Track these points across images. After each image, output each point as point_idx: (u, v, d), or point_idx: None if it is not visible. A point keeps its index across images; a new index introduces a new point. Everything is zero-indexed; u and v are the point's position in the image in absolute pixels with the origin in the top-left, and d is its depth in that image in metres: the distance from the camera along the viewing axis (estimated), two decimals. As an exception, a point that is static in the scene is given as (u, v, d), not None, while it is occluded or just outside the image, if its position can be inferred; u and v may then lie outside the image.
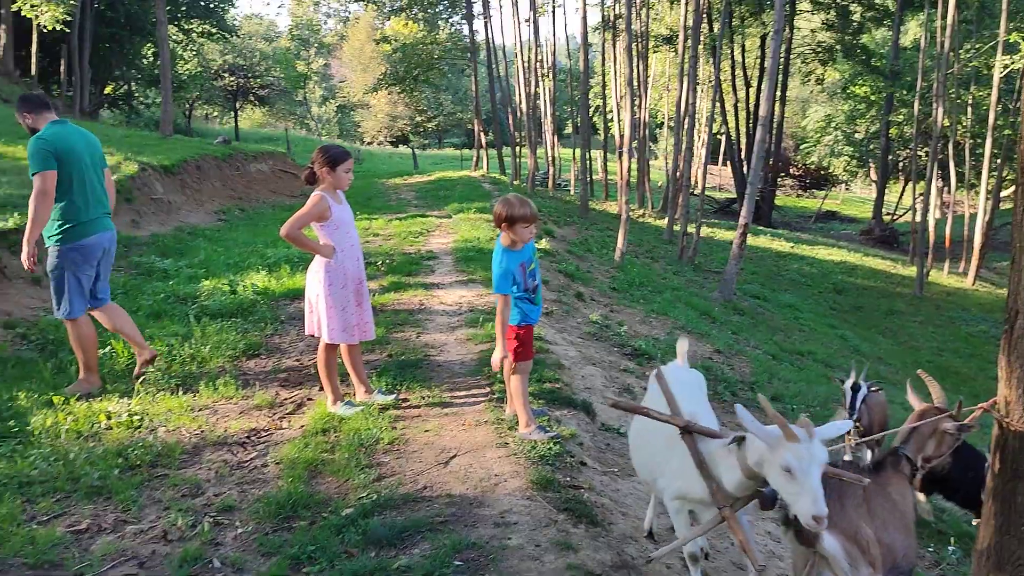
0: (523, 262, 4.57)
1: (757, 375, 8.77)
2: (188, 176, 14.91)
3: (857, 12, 34.16)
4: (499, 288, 4.51)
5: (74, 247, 5.47)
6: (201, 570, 3.51)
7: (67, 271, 5.47)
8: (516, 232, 4.48)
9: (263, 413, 5.35)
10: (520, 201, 4.54)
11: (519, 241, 4.54)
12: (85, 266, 5.54)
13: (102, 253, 5.67)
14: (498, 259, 4.53)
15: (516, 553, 3.40)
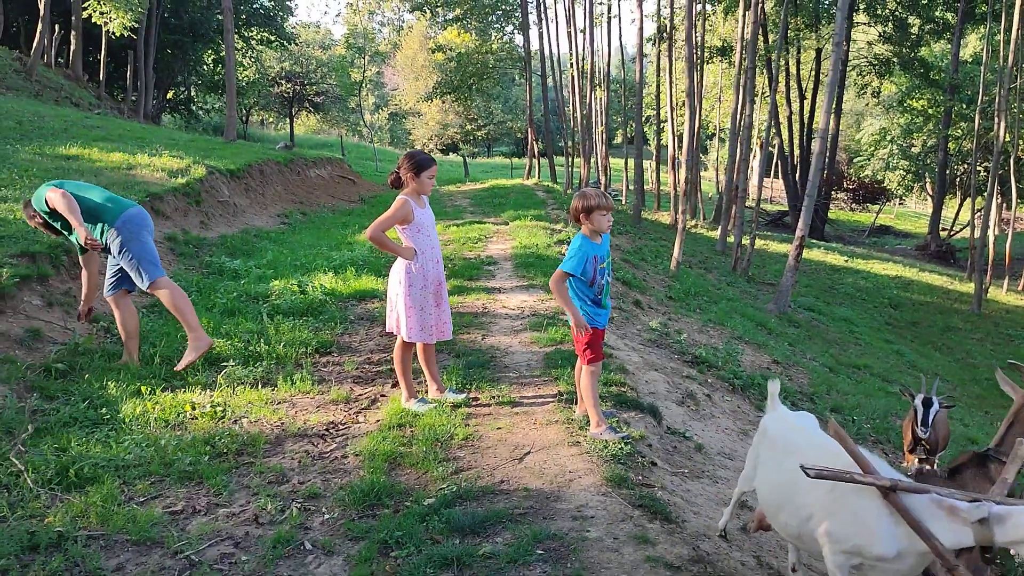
0: (598, 255, 4.75)
1: (815, 386, 8.78)
2: (252, 180, 15.32)
3: (915, 25, 33.71)
4: (565, 265, 4.71)
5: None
6: (293, 551, 3.70)
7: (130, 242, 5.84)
8: (594, 221, 4.70)
9: (339, 408, 5.56)
10: (596, 192, 4.81)
11: (598, 231, 4.76)
12: (142, 231, 5.96)
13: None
14: (576, 244, 4.75)
15: (595, 545, 3.53)
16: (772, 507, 3.50)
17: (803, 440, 3.49)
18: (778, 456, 3.51)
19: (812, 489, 3.16)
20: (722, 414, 6.42)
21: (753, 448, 3.86)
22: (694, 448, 5.27)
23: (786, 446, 3.49)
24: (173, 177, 12.15)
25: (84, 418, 5.10)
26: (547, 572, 3.33)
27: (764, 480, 3.60)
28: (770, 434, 3.70)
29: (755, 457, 3.79)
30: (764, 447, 3.70)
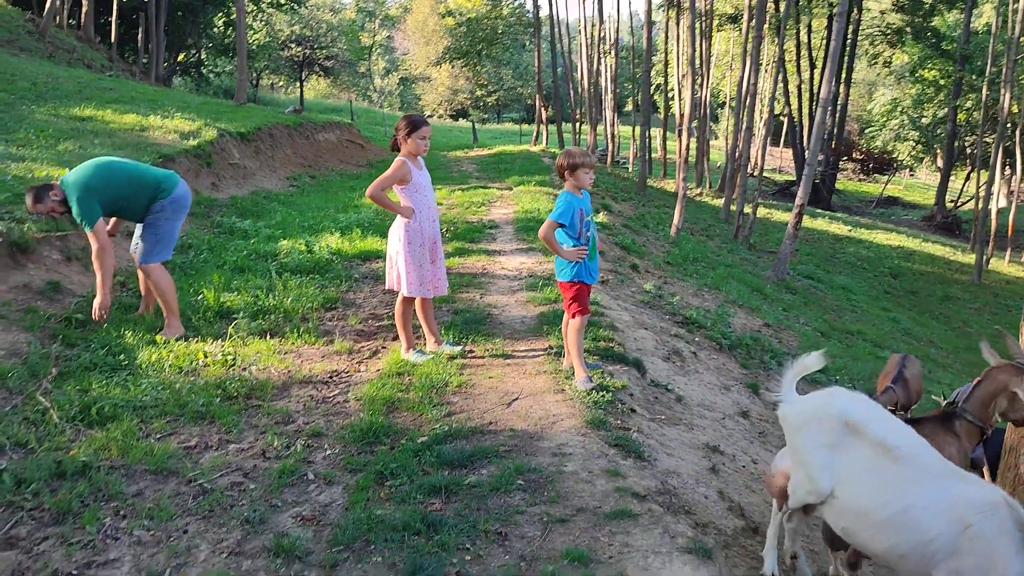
0: (582, 208, 5.08)
1: (803, 348, 9.07)
2: (262, 143, 15.59)
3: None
4: (554, 215, 5.05)
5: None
6: (297, 481, 4.06)
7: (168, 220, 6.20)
8: (578, 178, 5.07)
9: (343, 358, 5.90)
10: (580, 151, 5.20)
11: (581, 187, 5.12)
12: (182, 212, 6.38)
13: None
14: (562, 199, 5.11)
15: (571, 477, 3.87)
16: (865, 526, 3.19)
17: (907, 442, 3.23)
18: (880, 461, 3.19)
19: (938, 517, 3.01)
20: (707, 370, 6.74)
21: (817, 446, 3.32)
22: (675, 399, 5.60)
23: (886, 447, 3.19)
24: (185, 139, 12.43)
25: (103, 363, 5.45)
26: (526, 499, 3.69)
27: (865, 493, 3.19)
28: (867, 432, 3.24)
29: (828, 459, 3.28)
30: (851, 448, 3.26)
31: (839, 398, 3.42)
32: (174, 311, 6.19)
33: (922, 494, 3.07)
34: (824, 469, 3.26)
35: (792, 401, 3.51)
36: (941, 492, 3.06)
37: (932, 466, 3.18)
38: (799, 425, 3.42)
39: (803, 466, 3.36)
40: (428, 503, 3.69)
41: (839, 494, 3.25)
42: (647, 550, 3.23)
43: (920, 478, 3.10)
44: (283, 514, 3.72)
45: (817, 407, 3.39)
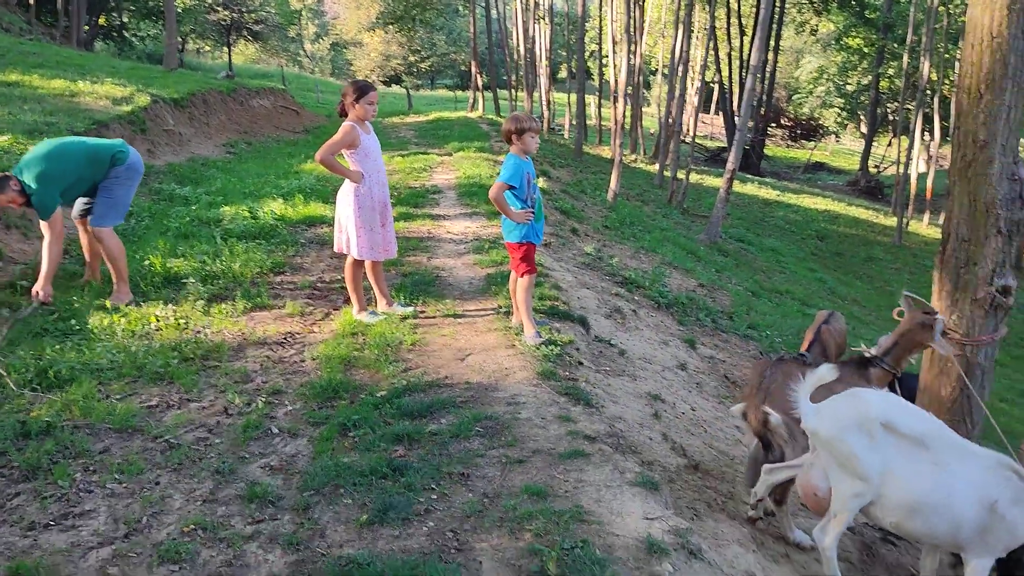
0: (528, 172, 5.28)
1: (736, 307, 9.51)
2: (196, 110, 15.34)
3: (854, -38, 34.32)
4: (503, 177, 5.24)
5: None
6: (262, 435, 4.21)
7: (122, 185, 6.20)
8: (525, 142, 5.27)
9: (295, 320, 6.02)
10: (526, 116, 5.40)
11: (527, 151, 5.32)
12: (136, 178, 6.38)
13: None
14: (510, 162, 5.29)
15: (526, 423, 4.12)
16: (908, 510, 3.38)
17: (932, 429, 3.48)
18: (915, 452, 3.39)
19: (971, 497, 3.29)
20: (646, 327, 7.06)
21: (864, 450, 3.39)
22: (617, 353, 5.89)
23: (917, 439, 3.40)
24: (117, 105, 12.21)
25: (55, 329, 5.48)
26: (484, 443, 3.92)
27: (912, 485, 3.36)
28: (901, 428, 3.41)
29: (874, 460, 3.40)
30: (894, 446, 3.40)
31: (871, 400, 3.50)
32: (124, 277, 6.21)
33: (955, 476, 3.31)
34: (874, 468, 3.37)
35: (814, 413, 3.53)
36: (968, 472, 3.32)
37: (956, 446, 3.43)
38: (836, 435, 3.44)
39: (851, 471, 3.41)
40: (392, 450, 3.89)
41: (886, 491, 3.39)
42: (600, 484, 3.50)
43: (949, 461, 3.33)
44: (251, 465, 3.88)
45: (855, 411, 3.45)
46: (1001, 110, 4.01)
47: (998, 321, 4.26)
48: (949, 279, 4.31)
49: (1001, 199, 4.08)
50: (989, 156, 4.06)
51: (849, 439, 3.40)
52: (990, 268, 4.15)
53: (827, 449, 3.50)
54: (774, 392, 3.94)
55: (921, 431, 3.41)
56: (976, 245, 4.16)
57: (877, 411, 3.41)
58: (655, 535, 3.10)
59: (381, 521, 3.28)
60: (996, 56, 3.98)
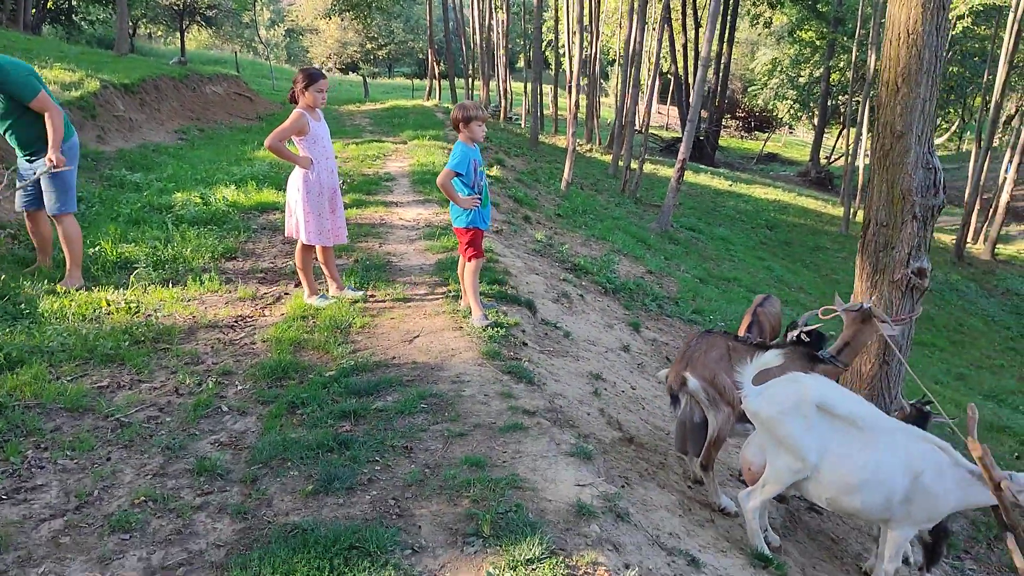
0: (475, 159, 5.43)
1: (682, 293, 9.77)
2: (147, 95, 15.20)
3: (805, -44, 34.95)
4: (451, 164, 5.37)
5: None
6: (212, 413, 4.33)
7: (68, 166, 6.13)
8: (471, 130, 5.41)
9: (246, 304, 6.12)
10: (474, 104, 5.53)
11: (474, 139, 5.46)
12: (76, 158, 6.26)
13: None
14: (458, 150, 5.43)
15: (469, 399, 4.29)
16: (850, 490, 3.58)
17: (864, 411, 3.69)
18: (849, 432, 3.61)
19: (892, 479, 3.52)
20: (592, 311, 7.26)
21: (801, 430, 3.62)
22: (563, 335, 6.08)
23: (851, 419, 3.63)
24: (67, 90, 12.08)
25: (4, 312, 5.50)
26: (428, 419, 4.08)
27: (845, 464, 3.59)
28: (835, 410, 3.64)
29: (811, 439, 3.62)
30: (829, 427, 3.63)
31: (808, 384, 3.70)
32: (78, 262, 6.24)
33: (885, 452, 3.53)
34: (811, 448, 3.58)
35: (757, 394, 3.72)
36: (896, 447, 3.55)
37: (884, 425, 3.65)
38: (776, 415, 3.64)
39: (789, 450, 3.62)
40: (339, 426, 4.04)
41: (823, 468, 3.60)
42: (536, 455, 3.68)
43: (879, 439, 3.57)
44: (201, 441, 4.00)
45: (793, 394, 3.65)
46: (917, 102, 4.26)
47: (915, 301, 4.52)
48: (869, 262, 4.56)
49: (916, 186, 4.33)
50: (905, 146, 4.30)
51: (787, 420, 3.62)
52: (906, 252, 4.41)
53: (766, 428, 3.72)
54: (695, 359, 4.15)
55: (853, 412, 3.64)
56: (894, 230, 4.42)
57: (813, 394, 3.62)
58: (585, 500, 3.30)
59: (326, 491, 3.42)
60: (912, 51, 4.22)
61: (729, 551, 3.59)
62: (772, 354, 3.80)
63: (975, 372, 13.76)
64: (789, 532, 4.32)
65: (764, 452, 3.74)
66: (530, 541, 2.94)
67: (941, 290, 19.47)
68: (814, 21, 36.06)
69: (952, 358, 14.59)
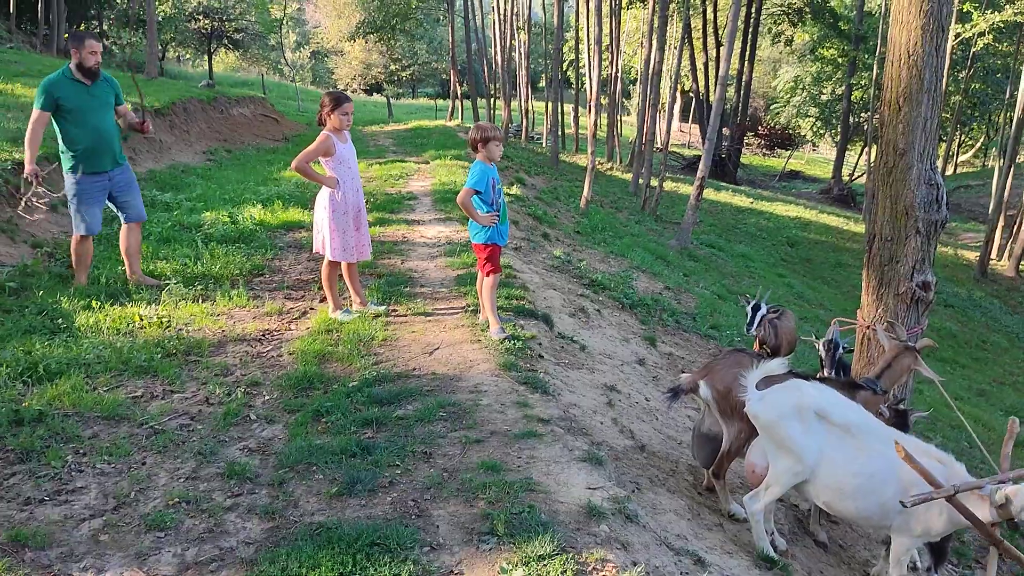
0: (493, 178, 5.65)
1: (700, 309, 9.89)
2: (176, 117, 15.61)
3: (826, -26, 35.11)
4: (470, 183, 5.59)
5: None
6: (241, 421, 4.53)
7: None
8: (489, 150, 5.63)
9: (273, 318, 6.33)
10: (490, 126, 5.77)
11: (491, 158, 5.67)
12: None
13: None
14: (476, 169, 5.64)
15: (486, 408, 4.46)
16: (842, 497, 3.72)
17: (861, 420, 3.80)
18: (844, 439, 3.74)
19: (882, 488, 3.64)
20: (609, 325, 7.42)
21: (799, 434, 3.77)
22: (579, 348, 6.25)
23: (846, 426, 3.75)
24: (99, 113, 12.45)
25: (42, 327, 5.76)
26: (447, 427, 4.25)
27: (840, 469, 3.72)
28: (832, 417, 3.77)
29: (809, 443, 3.76)
30: (825, 432, 3.77)
31: (808, 391, 3.84)
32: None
33: (879, 461, 3.65)
34: (810, 451, 3.73)
35: (759, 399, 3.88)
36: (892, 458, 3.62)
37: (881, 435, 3.75)
38: (776, 419, 3.79)
39: (789, 453, 3.77)
40: (361, 433, 4.22)
41: (819, 472, 3.74)
42: (549, 460, 3.84)
43: (875, 448, 3.69)
44: (231, 447, 4.20)
45: (793, 400, 3.79)
46: (918, 121, 4.41)
47: (919, 314, 4.64)
48: (875, 276, 4.70)
49: (919, 202, 4.47)
50: (908, 163, 4.45)
51: (787, 424, 3.76)
52: (911, 265, 4.54)
53: (767, 432, 3.88)
54: (716, 370, 4.31)
55: (849, 420, 3.77)
56: (898, 244, 4.56)
57: (812, 401, 3.77)
58: (595, 502, 3.45)
59: (349, 493, 3.61)
60: (913, 72, 4.38)
61: (736, 553, 3.73)
62: (777, 362, 3.94)
63: (997, 388, 13.71)
64: (797, 538, 4.44)
65: (767, 456, 3.88)
66: (542, 539, 3.10)
67: (964, 307, 19.40)
68: (835, 39, 36.10)
69: (974, 374, 14.54)
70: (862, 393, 4.59)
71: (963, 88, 27.38)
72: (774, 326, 6.25)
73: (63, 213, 8.88)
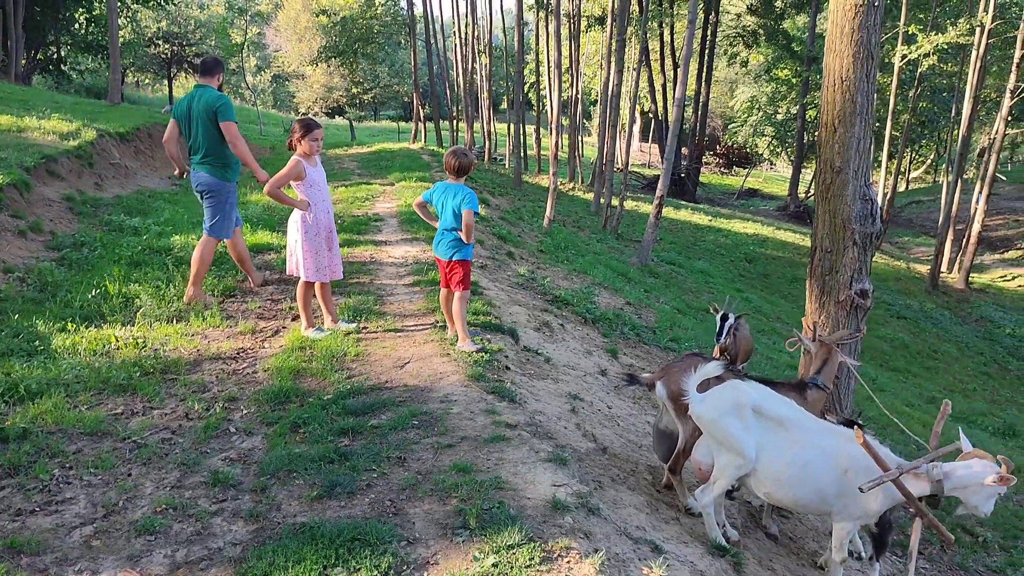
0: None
1: (660, 323, 10.23)
2: (141, 143, 15.70)
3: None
4: (474, 206, 5.93)
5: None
6: (221, 434, 4.73)
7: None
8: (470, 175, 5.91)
9: (247, 337, 6.53)
10: (468, 151, 6.15)
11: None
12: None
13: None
14: (470, 194, 5.96)
15: (456, 416, 4.71)
16: (785, 485, 3.99)
17: (794, 415, 4.11)
18: (778, 432, 4.04)
19: (824, 474, 3.93)
20: (572, 339, 7.71)
21: (739, 430, 4.05)
22: (543, 360, 6.52)
23: (780, 420, 4.06)
24: (64, 140, 12.55)
25: (19, 349, 5.89)
26: (419, 434, 4.50)
27: (776, 460, 4.01)
28: (767, 412, 4.07)
29: (748, 438, 4.04)
30: (761, 427, 4.07)
31: (744, 390, 4.14)
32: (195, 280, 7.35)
33: (811, 451, 3.95)
34: (749, 445, 4.02)
35: (700, 400, 4.18)
36: (824, 447, 3.97)
37: (811, 426, 4.07)
38: (717, 417, 4.09)
39: (731, 449, 4.06)
40: (338, 441, 4.45)
41: (758, 466, 4.04)
42: (517, 461, 4.10)
43: (808, 439, 4.00)
44: (213, 458, 4.40)
45: (731, 399, 4.10)
46: (852, 141, 4.77)
47: (859, 321, 4.99)
48: (817, 285, 5.04)
49: (855, 216, 4.83)
50: (844, 180, 4.81)
51: (726, 421, 4.08)
52: (849, 275, 4.90)
53: (709, 430, 4.18)
54: (672, 372, 4.62)
55: (784, 415, 4.09)
56: (837, 255, 4.91)
57: (748, 398, 4.10)
58: (560, 497, 3.72)
59: (329, 495, 3.83)
60: (846, 96, 4.75)
61: (691, 543, 4.01)
62: (712, 365, 4.27)
63: (947, 396, 14.22)
64: (750, 531, 4.74)
65: (711, 453, 4.19)
66: (511, 531, 3.36)
67: (916, 318, 20.03)
68: (789, 60, 37.13)
69: (925, 383, 15.08)
70: (811, 392, 4.93)
71: (912, 107, 28.29)
72: (733, 335, 6.55)
73: (31, 239, 9.02)
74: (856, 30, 4.72)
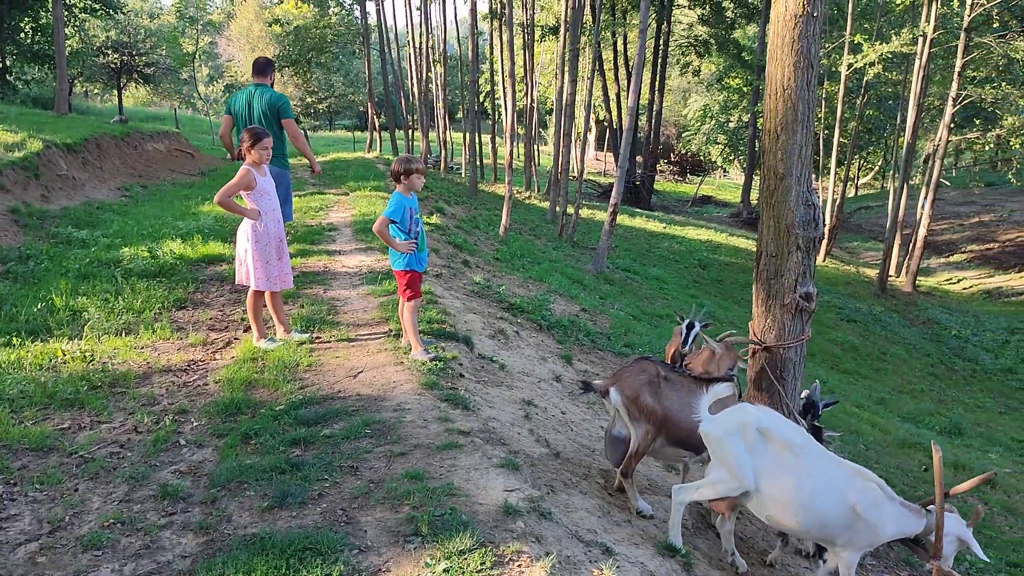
0: (411, 207, 5.93)
1: (615, 329, 10.33)
2: (89, 154, 15.42)
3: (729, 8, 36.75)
4: (388, 212, 5.87)
5: None
6: (171, 447, 4.67)
7: None
8: (411, 181, 5.93)
9: (198, 349, 6.46)
10: (414, 158, 6.08)
11: (412, 189, 5.96)
12: None
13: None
14: (394, 199, 5.91)
15: (410, 424, 4.71)
16: (793, 511, 3.98)
17: (803, 441, 4.07)
18: (786, 457, 4.00)
19: (834, 506, 3.93)
20: (527, 346, 7.75)
21: (740, 452, 4.05)
22: (498, 367, 6.55)
23: (789, 445, 4.01)
24: (9, 151, 12.30)
25: (-39, 365, 5.76)
26: (372, 443, 4.49)
27: (780, 484, 3.99)
28: (774, 435, 4.03)
29: (747, 462, 4.04)
30: (767, 450, 4.03)
31: (752, 412, 4.12)
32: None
33: (819, 480, 3.93)
34: (748, 468, 4.00)
35: (711, 419, 4.19)
36: (831, 478, 3.97)
37: (820, 454, 4.03)
38: (721, 436, 4.09)
39: (727, 468, 4.07)
40: (290, 451, 4.43)
41: (762, 489, 4.00)
42: (469, 467, 4.12)
43: (816, 468, 3.99)
44: (162, 471, 4.34)
45: (738, 421, 4.08)
46: (794, 148, 4.89)
47: (804, 323, 5.10)
48: (763, 289, 5.15)
49: (799, 221, 4.94)
50: (787, 186, 4.92)
51: (730, 441, 4.09)
52: (793, 278, 5.00)
53: (712, 447, 4.21)
54: (624, 377, 4.68)
55: (792, 440, 4.07)
56: (781, 260, 5.01)
57: (755, 420, 4.09)
58: (512, 502, 3.74)
59: (280, 506, 3.81)
60: (788, 104, 4.86)
61: (642, 545, 4.06)
62: (723, 386, 4.34)
63: (896, 396, 14.56)
64: (700, 531, 4.81)
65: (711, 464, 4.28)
66: (462, 536, 3.37)
67: (865, 321, 20.46)
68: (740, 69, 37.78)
69: (874, 384, 15.40)
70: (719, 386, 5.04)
71: (859, 115, 28.95)
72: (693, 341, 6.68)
73: (-27, 251, 8.83)
74: (796, 40, 4.84)
